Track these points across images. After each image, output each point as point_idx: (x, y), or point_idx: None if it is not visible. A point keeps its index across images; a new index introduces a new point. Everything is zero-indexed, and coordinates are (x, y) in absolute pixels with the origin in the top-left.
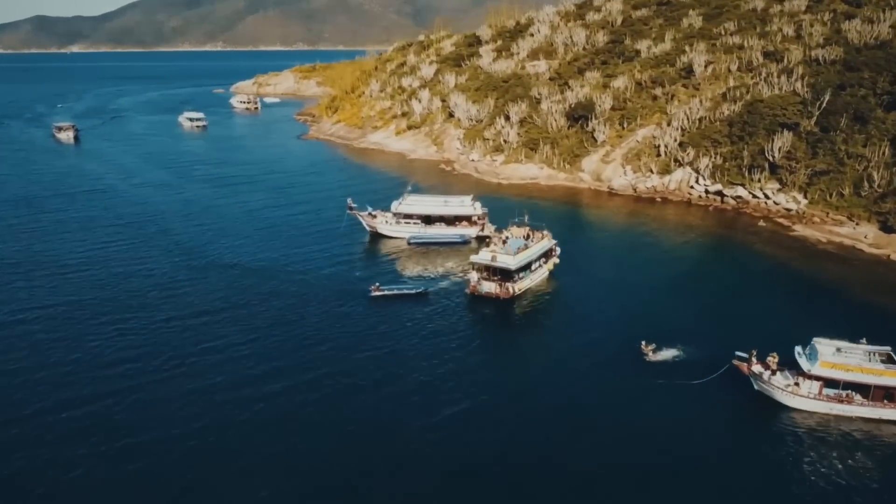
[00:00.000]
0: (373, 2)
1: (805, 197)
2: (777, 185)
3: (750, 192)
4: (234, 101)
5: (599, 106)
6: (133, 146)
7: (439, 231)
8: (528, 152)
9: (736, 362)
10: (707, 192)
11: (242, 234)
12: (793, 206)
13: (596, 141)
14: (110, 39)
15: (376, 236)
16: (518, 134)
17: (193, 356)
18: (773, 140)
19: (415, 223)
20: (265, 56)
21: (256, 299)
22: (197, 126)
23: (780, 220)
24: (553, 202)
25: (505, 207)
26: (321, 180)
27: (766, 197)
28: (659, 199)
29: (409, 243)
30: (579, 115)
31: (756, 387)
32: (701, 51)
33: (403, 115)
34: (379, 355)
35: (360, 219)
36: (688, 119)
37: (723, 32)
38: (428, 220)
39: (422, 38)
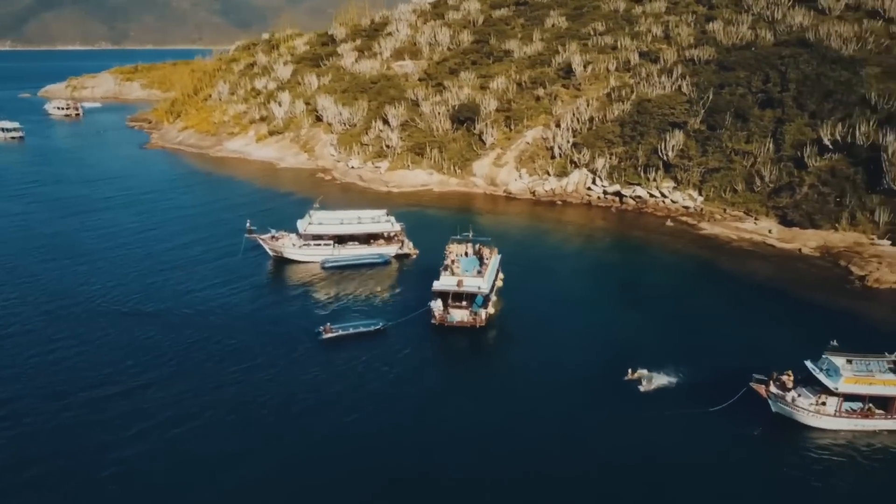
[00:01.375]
0: None
1: (700, 194)
2: (672, 184)
3: (648, 192)
4: (50, 108)
5: (484, 107)
6: None
7: (356, 251)
8: (414, 157)
9: (754, 385)
10: (606, 193)
11: (121, 271)
12: (690, 203)
13: (484, 144)
14: None
15: (281, 262)
16: (401, 138)
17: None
18: (665, 139)
19: (325, 244)
20: (65, 56)
21: (172, 360)
22: (12, 137)
23: (684, 219)
24: (452, 210)
25: (408, 219)
26: (190, 198)
27: (664, 196)
28: (560, 203)
29: (324, 268)
30: (465, 117)
31: (774, 408)
32: (574, 51)
33: (262, 119)
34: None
35: (262, 243)
36: (577, 120)
37: (592, 33)
38: (340, 239)
39: (266, 36)
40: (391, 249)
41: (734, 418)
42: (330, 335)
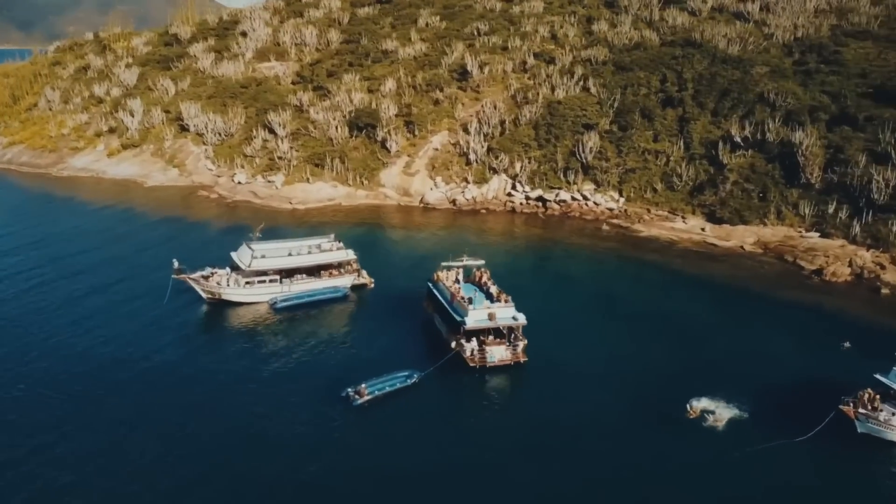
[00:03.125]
0: None
1: (621, 195)
2: (593, 186)
3: (571, 196)
4: None
5: (384, 113)
6: None
7: (308, 286)
8: (313, 169)
9: (843, 407)
10: (528, 198)
11: (23, 332)
12: (613, 205)
13: (389, 152)
14: None
15: (218, 305)
16: (293, 148)
17: None
18: (581, 141)
19: (272, 280)
20: None
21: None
22: None
23: (616, 222)
24: (371, 226)
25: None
26: (55, 232)
27: (586, 199)
28: (484, 211)
29: (275, 308)
30: (364, 123)
31: (861, 429)
32: (462, 52)
33: (111, 131)
34: None
35: (193, 284)
36: (486, 124)
37: (476, 33)
38: (287, 273)
39: (90, 35)
40: (346, 281)
41: (824, 445)
42: (365, 399)
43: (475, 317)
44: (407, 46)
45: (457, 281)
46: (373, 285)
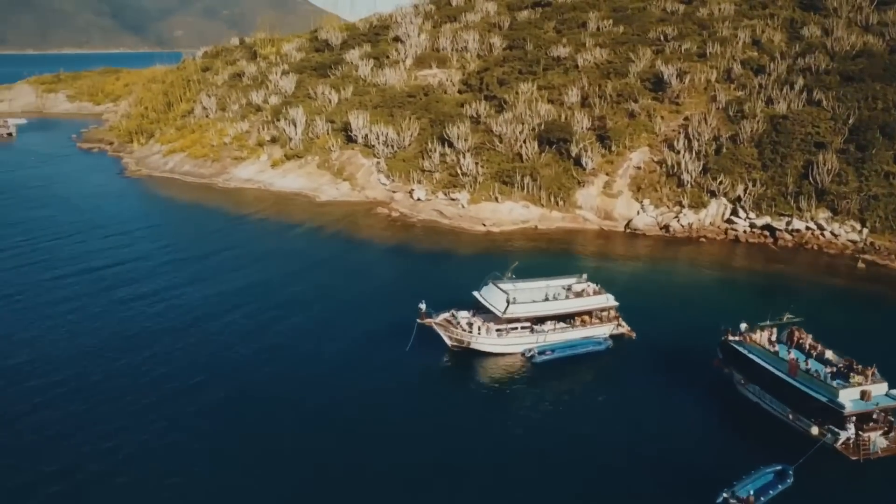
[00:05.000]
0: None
1: (864, 225)
2: (829, 214)
3: (805, 224)
4: None
5: (578, 126)
6: None
7: (565, 336)
8: (501, 187)
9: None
10: (753, 226)
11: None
12: (854, 236)
13: (584, 169)
14: None
15: (463, 354)
16: (478, 164)
17: None
18: (816, 162)
19: (522, 328)
20: None
21: None
22: None
23: (870, 258)
24: (581, 255)
25: (535, 271)
26: (257, 255)
27: (821, 228)
28: (703, 239)
29: (532, 361)
30: (556, 138)
31: None
32: (651, 58)
33: (273, 140)
34: None
35: (439, 331)
36: (696, 140)
37: (662, 38)
38: (539, 320)
39: (236, 40)
40: (606, 330)
41: None
42: None
43: (850, 396)
44: (583, 53)
45: (770, 342)
46: (634, 336)
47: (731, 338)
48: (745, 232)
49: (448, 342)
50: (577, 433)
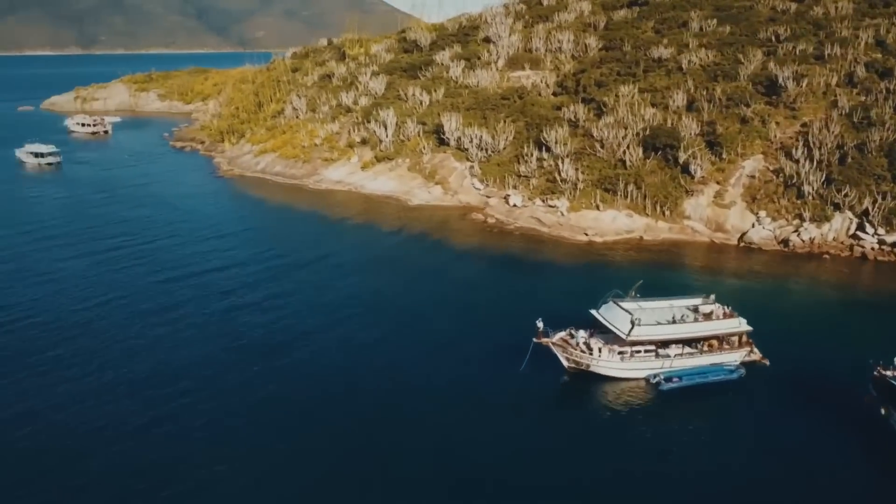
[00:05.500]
0: (151, 2)
1: None
2: None
3: None
4: (72, 124)
5: (685, 131)
6: None
7: (693, 362)
8: (602, 195)
9: None
10: (882, 243)
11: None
12: None
13: (692, 177)
14: None
15: (580, 376)
16: (578, 170)
17: None
18: None
19: (646, 351)
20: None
21: None
22: (48, 164)
23: None
24: (695, 270)
25: (653, 289)
26: (362, 263)
27: None
28: (826, 255)
29: (658, 388)
30: (662, 144)
31: None
32: (761, 59)
33: (364, 142)
34: None
35: (556, 351)
36: (817, 148)
37: (773, 39)
38: (663, 343)
39: (324, 41)
40: (736, 356)
41: None
42: None
43: None
44: (686, 54)
45: None
46: (767, 363)
47: (886, 373)
48: (872, 249)
49: (565, 363)
50: (707, 471)
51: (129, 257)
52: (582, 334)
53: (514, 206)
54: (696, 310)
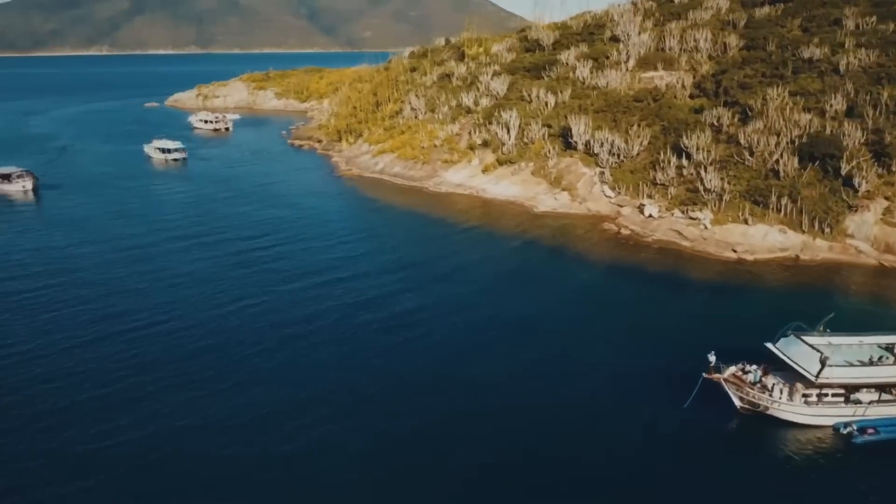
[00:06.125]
0: (266, 3)
1: None
2: None
3: None
4: (195, 121)
5: (848, 140)
6: (116, 201)
7: (890, 410)
8: (752, 207)
9: None
10: None
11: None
12: None
13: (856, 191)
14: None
15: (753, 419)
16: (723, 179)
17: None
18: None
19: (835, 395)
20: (156, 61)
21: None
22: (174, 160)
23: None
24: (855, 295)
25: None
26: (500, 274)
27: None
28: None
29: (852, 440)
30: (821, 153)
31: None
32: None
33: (485, 144)
34: None
35: (728, 390)
36: None
37: None
38: (855, 388)
39: (439, 41)
40: None
41: None
42: None
43: None
44: (842, 54)
45: None
46: None
47: None
48: None
49: (738, 403)
50: None
51: (259, 261)
52: (754, 369)
53: (650, 216)
54: (891, 349)
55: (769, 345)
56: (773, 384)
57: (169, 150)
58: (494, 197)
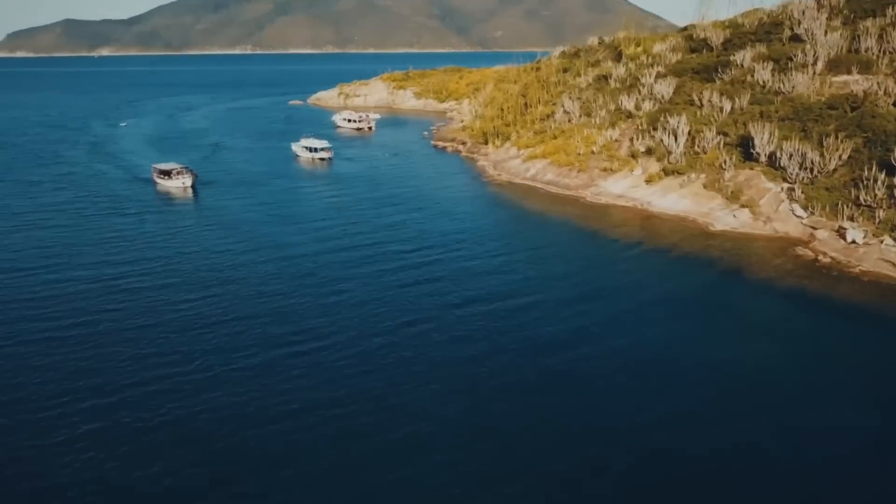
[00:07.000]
0: (401, 4)
1: None
2: None
3: None
4: (339, 120)
5: None
6: (269, 203)
7: None
8: None
9: None
10: None
11: None
12: None
13: None
14: (138, 42)
15: None
16: None
17: None
18: None
19: None
20: (296, 60)
21: None
22: (320, 159)
23: None
24: None
25: None
26: (693, 307)
27: None
28: None
29: None
30: None
31: None
32: None
33: (648, 152)
34: None
35: None
36: None
37: None
38: None
39: (593, 40)
40: None
41: None
42: None
43: None
44: None
45: None
46: None
47: None
48: None
49: None
50: None
51: (414, 275)
52: None
53: (853, 242)
54: None
55: None
56: None
57: (316, 150)
58: (661, 211)
